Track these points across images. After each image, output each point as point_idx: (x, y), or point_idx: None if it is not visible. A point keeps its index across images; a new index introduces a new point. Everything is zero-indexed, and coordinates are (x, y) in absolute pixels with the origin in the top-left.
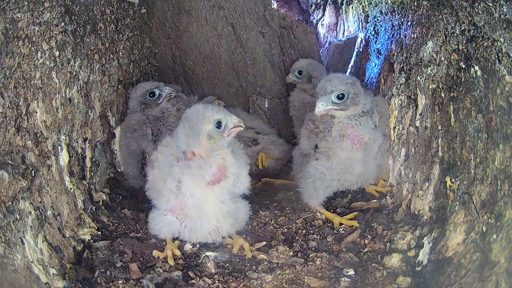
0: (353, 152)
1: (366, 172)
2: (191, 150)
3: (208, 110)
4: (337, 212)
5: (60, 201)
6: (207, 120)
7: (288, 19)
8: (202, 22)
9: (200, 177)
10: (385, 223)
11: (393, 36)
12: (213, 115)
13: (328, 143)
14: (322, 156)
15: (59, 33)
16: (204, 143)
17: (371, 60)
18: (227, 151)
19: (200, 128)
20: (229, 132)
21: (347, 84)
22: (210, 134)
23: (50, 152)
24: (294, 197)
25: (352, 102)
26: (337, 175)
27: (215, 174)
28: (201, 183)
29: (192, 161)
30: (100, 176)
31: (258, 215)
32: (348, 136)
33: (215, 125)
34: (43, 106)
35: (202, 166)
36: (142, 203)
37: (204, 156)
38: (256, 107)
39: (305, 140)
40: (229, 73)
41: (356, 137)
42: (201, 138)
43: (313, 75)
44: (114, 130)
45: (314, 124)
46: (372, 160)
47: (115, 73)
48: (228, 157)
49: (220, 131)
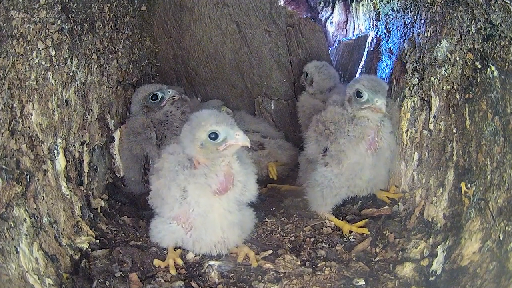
0: (364, 157)
1: (376, 178)
2: (197, 158)
3: (207, 118)
4: (347, 219)
5: (57, 207)
6: (202, 129)
7: (295, 17)
8: (205, 20)
9: (205, 186)
10: (397, 231)
11: (405, 35)
12: (210, 125)
13: (340, 145)
14: (332, 160)
15: (56, 31)
16: (198, 151)
17: (383, 60)
18: (233, 158)
19: (194, 134)
20: (226, 146)
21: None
22: (203, 144)
23: (46, 157)
24: (302, 204)
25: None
26: (346, 181)
27: (221, 183)
28: (206, 192)
29: (197, 169)
30: (99, 181)
31: (264, 222)
32: (367, 139)
33: (210, 135)
34: (38, 108)
35: (208, 175)
36: (143, 210)
37: (209, 164)
38: (262, 109)
39: (313, 144)
40: (233, 74)
41: (374, 142)
42: (194, 145)
43: (315, 80)
44: (113, 133)
45: (324, 125)
46: (383, 165)
47: (114, 74)
48: (234, 164)
49: (215, 143)
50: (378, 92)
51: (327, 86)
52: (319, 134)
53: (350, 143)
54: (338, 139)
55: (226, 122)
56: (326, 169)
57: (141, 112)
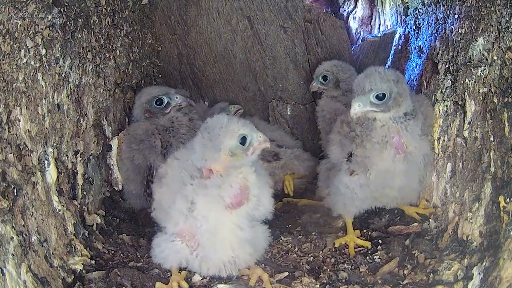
0: (394, 163)
1: (407, 186)
2: (208, 168)
3: (233, 123)
4: (372, 236)
5: (47, 224)
6: (230, 134)
7: (314, 11)
8: (213, 14)
9: (218, 198)
10: (428, 250)
11: (437, 32)
12: (238, 129)
13: (366, 150)
14: (357, 167)
15: (46, 27)
16: (225, 160)
17: (412, 60)
18: (250, 169)
19: (222, 142)
20: (253, 149)
21: (389, 81)
22: (233, 151)
23: (36, 168)
24: (321, 220)
25: (395, 103)
26: (373, 192)
27: (236, 196)
28: (217, 206)
29: (209, 179)
30: (94, 195)
31: (279, 241)
32: (393, 144)
33: (240, 140)
34: (27, 114)
35: (221, 186)
36: (143, 227)
37: (224, 174)
38: (277, 114)
39: (337, 148)
40: (245, 75)
41: (401, 145)
42: (221, 154)
43: (341, 78)
44: (111, 142)
45: (350, 126)
46: (415, 172)
47: (111, 75)
48: (250, 176)
49: (244, 148)
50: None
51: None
52: (343, 137)
53: (375, 148)
54: (364, 143)
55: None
56: (351, 179)
57: (143, 117)
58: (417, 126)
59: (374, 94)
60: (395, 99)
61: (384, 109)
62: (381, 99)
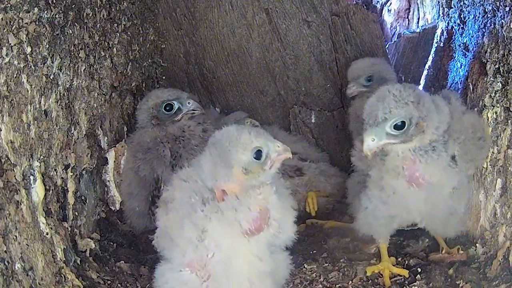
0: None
1: (432, 215)
2: (221, 189)
3: (244, 134)
4: (410, 264)
5: (33, 250)
6: (242, 148)
7: (342, 3)
8: (225, 7)
9: (233, 223)
10: (475, 280)
11: (485, 27)
12: (250, 141)
13: (381, 172)
14: (374, 186)
15: (31, 22)
16: (239, 178)
17: (456, 59)
18: (270, 188)
19: (233, 158)
20: (272, 162)
21: (408, 104)
22: (247, 168)
23: (19, 184)
24: (351, 245)
25: (417, 130)
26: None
27: (255, 220)
28: (233, 232)
29: (223, 202)
30: (87, 216)
31: (302, 269)
32: (404, 176)
33: (254, 155)
34: (9, 122)
35: (238, 209)
36: (145, 254)
37: (240, 195)
38: (299, 122)
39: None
40: (262, 77)
41: (416, 178)
42: (234, 171)
43: (387, 78)
44: (107, 154)
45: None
46: (441, 204)
47: (107, 77)
48: (271, 197)
49: (261, 162)
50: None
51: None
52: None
53: (390, 174)
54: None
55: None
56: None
57: (149, 124)
58: (445, 155)
59: (391, 124)
60: (417, 125)
61: (405, 139)
62: (400, 129)
